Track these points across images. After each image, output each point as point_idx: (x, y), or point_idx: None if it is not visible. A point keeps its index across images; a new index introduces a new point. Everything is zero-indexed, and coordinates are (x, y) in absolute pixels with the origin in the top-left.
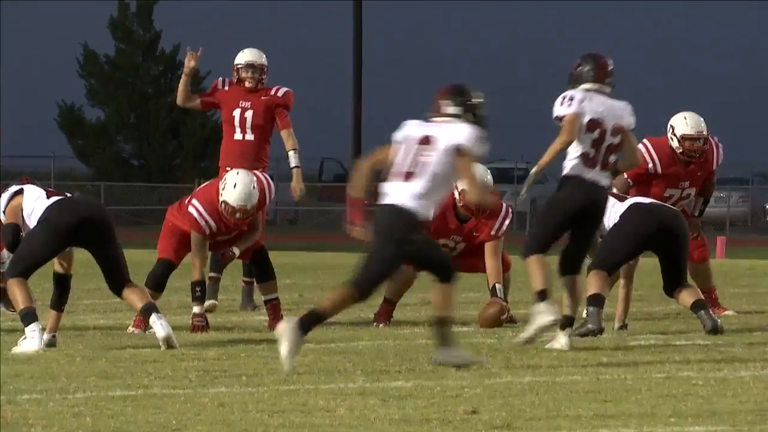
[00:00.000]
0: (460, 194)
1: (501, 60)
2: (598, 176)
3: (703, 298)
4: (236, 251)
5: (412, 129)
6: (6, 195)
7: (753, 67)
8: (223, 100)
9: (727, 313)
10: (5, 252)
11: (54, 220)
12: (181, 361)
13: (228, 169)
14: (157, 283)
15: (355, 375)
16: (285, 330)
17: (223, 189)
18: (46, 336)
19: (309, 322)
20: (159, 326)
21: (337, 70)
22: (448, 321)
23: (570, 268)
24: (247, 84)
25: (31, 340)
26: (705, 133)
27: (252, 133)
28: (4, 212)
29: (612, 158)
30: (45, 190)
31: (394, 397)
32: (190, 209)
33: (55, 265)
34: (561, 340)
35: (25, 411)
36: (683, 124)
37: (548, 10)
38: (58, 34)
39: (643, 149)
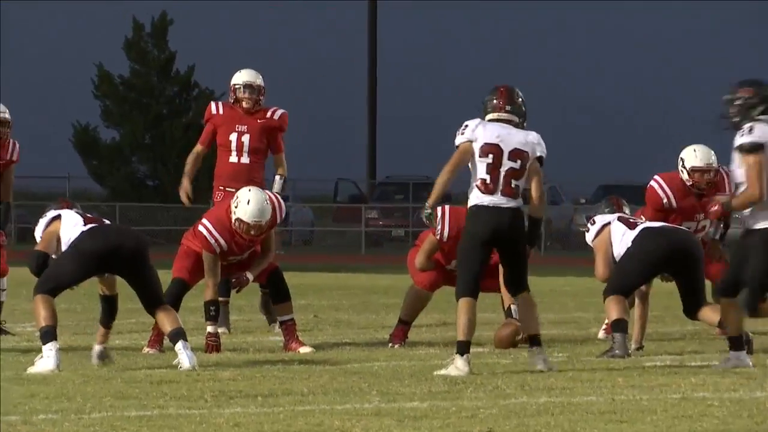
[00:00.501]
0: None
1: (513, 73)
2: (500, 201)
3: None
4: (250, 276)
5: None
6: (44, 220)
7: None
8: (219, 124)
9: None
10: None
11: (83, 247)
12: (197, 381)
13: (221, 189)
14: (172, 302)
15: (370, 395)
16: None
17: (236, 207)
18: (97, 347)
19: None
20: (184, 356)
21: (352, 93)
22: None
23: (516, 288)
24: (244, 104)
25: (47, 359)
26: (715, 165)
27: (248, 156)
28: (40, 237)
29: (515, 183)
30: (83, 216)
31: (409, 417)
32: (200, 228)
33: (99, 287)
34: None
35: (41, 431)
36: (692, 156)
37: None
38: (73, 54)
39: (656, 185)
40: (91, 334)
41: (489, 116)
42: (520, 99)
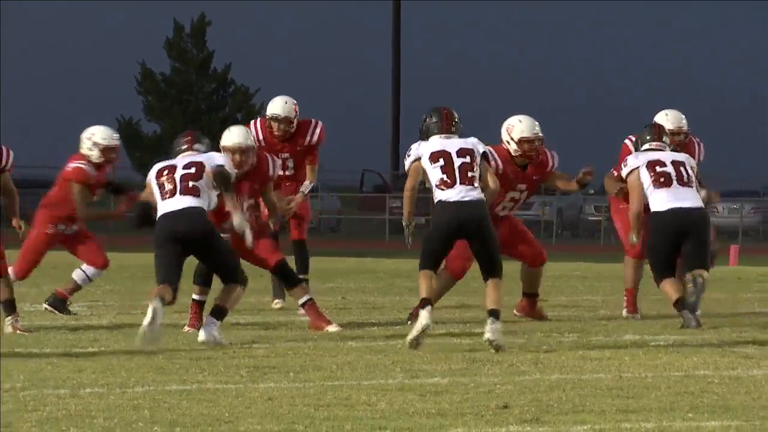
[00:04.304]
0: (518, 144)
1: (539, 80)
2: (462, 194)
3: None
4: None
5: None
6: (153, 171)
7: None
8: (263, 149)
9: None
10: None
11: (157, 236)
12: (233, 358)
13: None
14: (204, 279)
15: (394, 372)
16: None
17: (221, 141)
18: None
19: None
20: (202, 331)
21: (377, 89)
22: None
23: (488, 273)
24: (276, 133)
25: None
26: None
27: (293, 170)
28: (146, 183)
29: (470, 174)
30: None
31: (430, 392)
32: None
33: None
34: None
35: (88, 404)
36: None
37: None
38: (118, 53)
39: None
40: (135, 314)
41: (434, 137)
42: (458, 119)
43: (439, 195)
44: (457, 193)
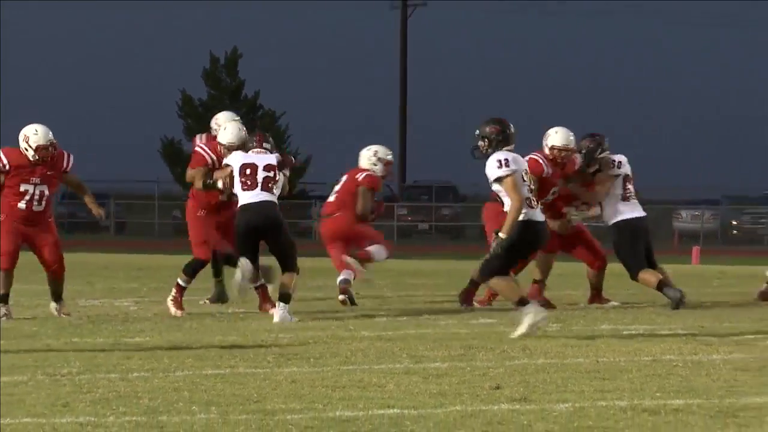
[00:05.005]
0: (551, 150)
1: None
2: (537, 214)
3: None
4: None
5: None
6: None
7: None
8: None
9: (612, 303)
10: None
11: (241, 225)
12: (261, 346)
13: None
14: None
15: (401, 357)
16: None
17: (218, 138)
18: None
19: None
20: (276, 313)
21: (386, 111)
22: None
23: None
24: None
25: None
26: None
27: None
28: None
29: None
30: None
31: (432, 375)
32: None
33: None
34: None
35: (135, 386)
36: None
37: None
38: (163, 82)
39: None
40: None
41: (509, 147)
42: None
43: (525, 212)
44: (535, 213)
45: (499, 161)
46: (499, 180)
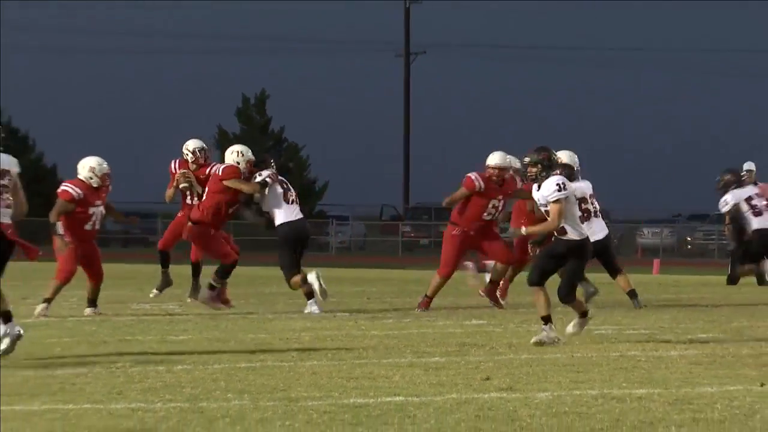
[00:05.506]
0: (486, 169)
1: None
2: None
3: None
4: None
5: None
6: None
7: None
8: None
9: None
10: None
11: (290, 240)
12: (287, 341)
13: None
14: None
15: (405, 353)
16: None
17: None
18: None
19: None
20: (314, 308)
21: (392, 142)
22: None
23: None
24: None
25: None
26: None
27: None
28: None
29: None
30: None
31: (432, 368)
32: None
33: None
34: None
35: (179, 377)
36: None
37: None
38: (200, 119)
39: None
40: (217, 311)
41: (555, 171)
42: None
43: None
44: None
45: (558, 185)
46: (556, 201)
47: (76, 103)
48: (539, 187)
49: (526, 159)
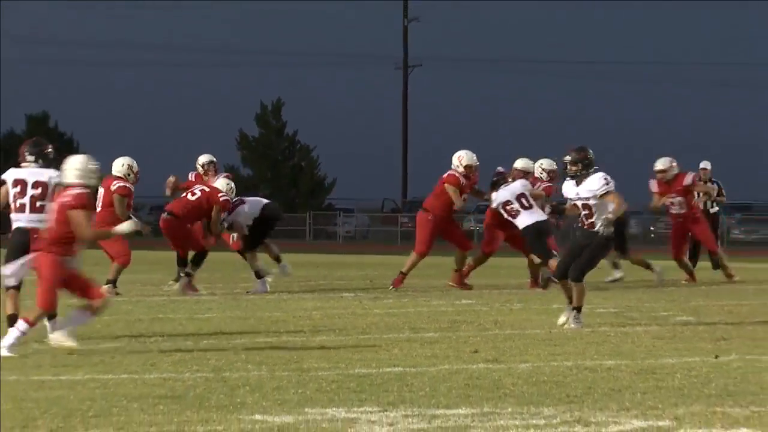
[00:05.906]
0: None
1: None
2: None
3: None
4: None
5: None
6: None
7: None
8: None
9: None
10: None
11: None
12: (300, 319)
13: None
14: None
15: (403, 329)
16: None
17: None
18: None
19: None
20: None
21: (393, 141)
22: None
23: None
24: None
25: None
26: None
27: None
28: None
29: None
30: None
31: (427, 342)
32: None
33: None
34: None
35: (205, 350)
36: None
37: None
38: (224, 123)
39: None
40: (237, 292)
41: (594, 167)
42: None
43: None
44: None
45: (605, 179)
46: (606, 193)
47: (117, 112)
48: (578, 183)
49: (567, 158)
